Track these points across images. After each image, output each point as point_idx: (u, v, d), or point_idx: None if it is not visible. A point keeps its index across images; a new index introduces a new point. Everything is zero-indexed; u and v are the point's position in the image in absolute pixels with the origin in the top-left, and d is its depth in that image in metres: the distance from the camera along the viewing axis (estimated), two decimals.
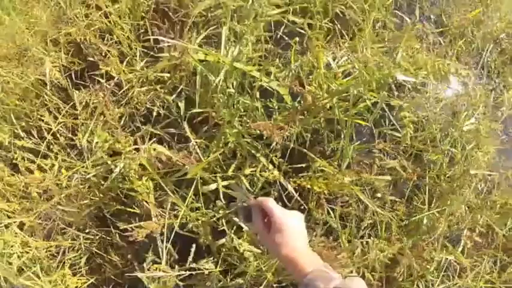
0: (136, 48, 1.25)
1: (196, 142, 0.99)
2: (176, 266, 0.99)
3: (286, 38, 1.18)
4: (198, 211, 1.04)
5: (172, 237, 0.98)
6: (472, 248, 1.34)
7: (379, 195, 1.17)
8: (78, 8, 1.38)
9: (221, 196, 0.99)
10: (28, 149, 1.32)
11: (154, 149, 0.98)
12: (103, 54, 1.28)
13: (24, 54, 1.55)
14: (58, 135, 1.31)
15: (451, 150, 1.32)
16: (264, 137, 1.04)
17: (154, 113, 1.13)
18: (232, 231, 1.04)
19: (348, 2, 1.17)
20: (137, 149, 1.09)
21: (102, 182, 1.23)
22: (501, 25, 1.83)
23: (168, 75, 1.11)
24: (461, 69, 1.54)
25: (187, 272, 0.96)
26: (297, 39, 1.17)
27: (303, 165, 1.11)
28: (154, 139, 1.15)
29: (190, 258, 0.94)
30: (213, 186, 0.99)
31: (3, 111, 1.46)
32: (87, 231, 1.32)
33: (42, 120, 1.34)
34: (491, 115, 1.61)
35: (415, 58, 1.10)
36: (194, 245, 0.96)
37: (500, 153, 1.48)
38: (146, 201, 1.11)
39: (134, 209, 1.17)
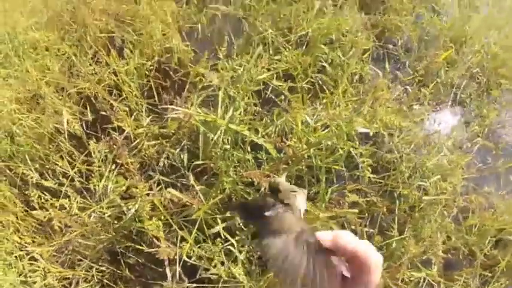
0: (142, 105, 1.65)
1: (200, 189, 1.39)
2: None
3: (273, 97, 1.60)
4: (201, 246, 1.44)
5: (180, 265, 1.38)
6: (448, 267, 1.73)
7: (353, 227, 1.57)
8: (89, 64, 1.79)
9: (224, 234, 1.38)
10: (44, 188, 1.68)
11: (169, 192, 1.38)
12: (113, 109, 1.67)
13: (37, 101, 1.94)
14: (74, 179, 1.70)
15: (420, 184, 1.72)
16: (255, 183, 1.44)
17: (161, 163, 1.53)
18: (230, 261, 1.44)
19: (325, 65, 1.60)
20: (148, 194, 1.49)
21: (115, 221, 1.62)
22: (476, 59, 2.24)
23: (173, 131, 1.51)
24: (430, 113, 1.96)
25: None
26: (283, 97, 1.59)
27: None
28: (162, 185, 1.55)
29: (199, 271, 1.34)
30: (216, 229, 1.39)
31: (18, 152, 1.85)
32: (100, 264, 1.70)
33: (57, 164, 1.72)
34: (466, 147, 2.03)
35: (375, 111, 1.52)
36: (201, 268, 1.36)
37: (470, 181, 1.89)
38: (156, 237, 1.51)
39: (142, 246, 1.56)
